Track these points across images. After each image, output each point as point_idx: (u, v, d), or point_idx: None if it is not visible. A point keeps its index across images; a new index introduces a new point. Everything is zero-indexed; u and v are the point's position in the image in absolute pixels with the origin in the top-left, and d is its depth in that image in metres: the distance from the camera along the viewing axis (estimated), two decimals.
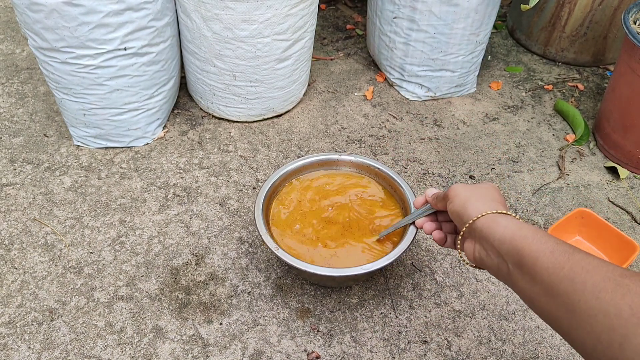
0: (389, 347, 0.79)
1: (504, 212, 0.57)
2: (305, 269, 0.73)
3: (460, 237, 0.61)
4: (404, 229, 0.80)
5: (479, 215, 0.57)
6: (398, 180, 0.86)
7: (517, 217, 0.56)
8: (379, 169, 0.89)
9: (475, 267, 0.60)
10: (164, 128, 1.13)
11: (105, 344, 0.78)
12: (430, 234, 0.70)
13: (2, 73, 1.26)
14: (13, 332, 0.78)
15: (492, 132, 1.18)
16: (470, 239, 0.59)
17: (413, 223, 0.77)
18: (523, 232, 0.52)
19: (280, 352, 0.78)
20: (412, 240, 0.77)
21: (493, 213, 0.56)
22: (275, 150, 1.10)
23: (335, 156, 0.91)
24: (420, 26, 1.12)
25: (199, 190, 1.01)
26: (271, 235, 0.79)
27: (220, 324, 0.81)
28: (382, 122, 1.18)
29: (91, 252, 0.89)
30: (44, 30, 0.88)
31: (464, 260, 0.61)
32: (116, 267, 0.87)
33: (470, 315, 0.84)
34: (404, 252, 0.76)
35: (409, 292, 0.86)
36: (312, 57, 1.27)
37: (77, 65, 0.93)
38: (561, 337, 0.81)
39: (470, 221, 0.58)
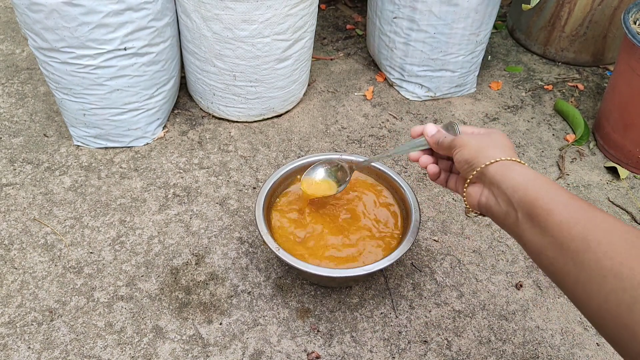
0: (389, 347, 0.79)
1: (518, 160, 0.54)
2: (305, 269, 0.73)
3: (468, 181, 0.58)
4: (405, 228, 0.80)
5: (492, 161, 0.54)
6: (399, 181, 0.86)
7: (530, 167, 0.54)
8: (379, 169, 0.89)
9: (477, 214, 0.58)
10: (164, 128, 1.13)
11: (105, 344, 0.78)
12: (425, 168, 0.67)
13: (2, 73, 1.26)
14: (13, 332, 0.78)
15: None
16: (479, 183, 0.57)
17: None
18: (538, 182, 0.50)
19: (280, 352, 0.78)
20: (413, 241, 0.77)
21: (508, 160, 0.54)
22: (275, 150, 1.10)
23: (335, 156, 0.91)
24: (420, 26, 1.12)
25: (199, 190, 1.01)
26: (271, 235, 0.79)
27: (220, 323, 0.81)
28: (382, 122, 1.18)
29: (91, 252, 0.89)
30: (44, 30, 0.88)
31: (466, 206, 0.59)
32: (116, 267, 0.87)
33: (470, 315, 0.84)
34: (404, 252, 0.76)
35: (409, 292, 0.86)
36: (312, 57, 1.27)
37: (77, 66, 0.93)
38: (561, 337, 0.81)
39: (483, 165, 0.55)
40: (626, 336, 0.38)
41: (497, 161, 0.54)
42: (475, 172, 0.56)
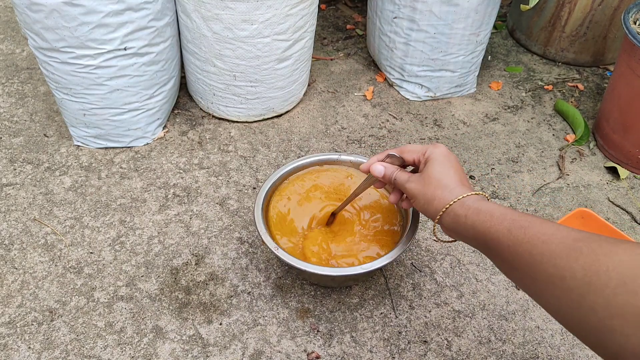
0: (389, 347, 0.79)
1: (458, 197, 0.58)
2: (305, 268, 0.73)
3: (434, 228, 0.64)
4: (404, 227, 0.80)
5: (441, 213, 0.60)
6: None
7: (471, 193, 0.58)
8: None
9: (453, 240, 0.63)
10: (164, 128, 1.13)
11: (105, 344, 0.78)
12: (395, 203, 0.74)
13: (2, 73, 1.26)
14: (13, 332, 0.78)
15: (492, 132, 1.18)
16: (443, 227, 0.62)
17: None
18: (481, 216, 0.55)
19: (280, 352, 0.78)
20: (412, 240, 0.77)
21: (450, 205, 0.59)
22: (275, 150, 1.10)
23: (334, 156, 0.91)
24: (420, 26, 1.12)
25: (199, 190, 1.01)
26: (270, 234, 0.79)
27: (220, 324, 0.81)
28: (382, 122, 1.18)
29: (91, 252, 0.89)
30: (44, 30, 0.88)
31: (437, 237, 0.66)
32: (116, 267, 0.87)
33: (470, 315, 0.84)
34: (403, 252, 0.76)
35: (409, 292, 0.86)
36: (312, 57, 1.27)
37: (77, 65, 0.93)
38: (561, 337, 0.82)
39: (436, 220, 0.61)
40: (589, 334, 0.42)
41: (444, 212, 0.59)
42: (434, 225, 0.62)
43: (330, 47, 1.41)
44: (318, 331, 0.80)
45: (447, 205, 0.59)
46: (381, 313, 0.83)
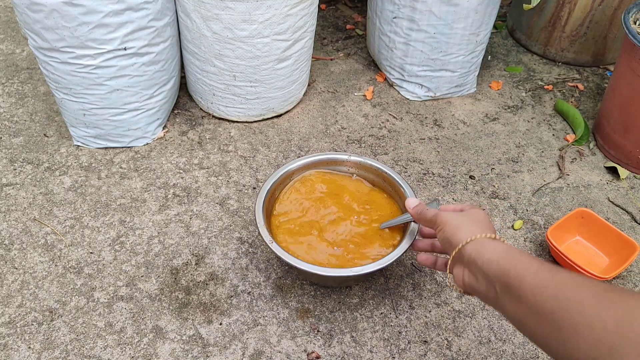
0: (389, 347, 0.79)
1: (493, 236, 0.58)
2: (305, 268, 0.73)
3: (450, 261, 0.61)
4: (405, 226, 0.80)
5: (468, 240, 0.58)
6: (399, 181, 0.86)
7: (504, 240, 0.58)
8: (380, 169, 0.89)
9: (465, 293, 0.61)
10: (164, 128, 1.13)
11: (105, 344, 0.78)
12: (425, 264, 0.74)
13: (2, 73, 1.26)
14: (13, 332, 0.78)
15: (492, 132, 1.18)
16: (460, 264, 0.60)
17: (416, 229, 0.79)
18: (510, 254, 0.53)
19: (280, 352, 0.78)
20: (413, 240, 0.77)
21: (482, 237, 0.58)
22: (275, 150, 1.10)
23: (333, 156, 0.91)
24: (420, 26, 1.12)
25: (199, 190, 1.01)
26: (270, 231, 0.79)
27: (220, 324, 0.81)
28: (382, 122, 1.18)
29: (91, 252, 0.89)
30: (44, 30, 0.88)
31: (453, 286, 0.62)
32: (116, 267, 0.87)
33: (470, 315, 0.84)
34: (404, 252, 0.76)
35: (409, 292, 0.86)
36: (312, 57, 1.27)
37: (77, 65, 0.93)
38: None
39: (460, 245, 0.58)
40: None
41: (472, 240, 0.58)
42: (455, 251, 0.60)
43: (330, 47, 1.41)
44: (318, 331, 0.80)
45: (478, 236, 0.58)
46: (381, 313, 0.83)
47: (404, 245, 0.77)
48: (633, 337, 0.37)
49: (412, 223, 0.79)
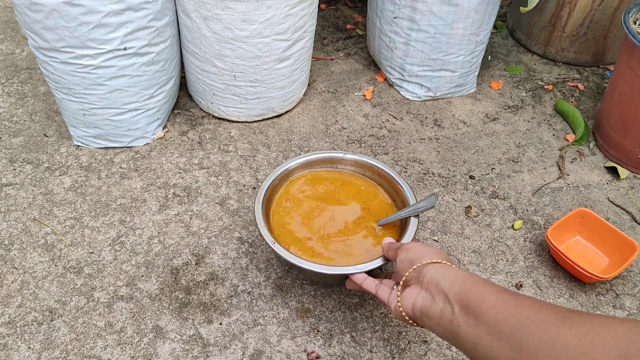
0: (389, 347, 0.79)
1: (454, 267, 0.60)
2: (305, 266, 0.73)
3: (402, 281, 0.62)
4: (404, 223, 0.80)
5: (433, 261, 0.59)
6: (399, 181, 0.86)
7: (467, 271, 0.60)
8: (380, 169, 0.89)
9: (408, 319, 0.60)
10: (164, 128, 1.13)
11: (105, 344, 0.78)
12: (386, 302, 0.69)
13: (2, 73, 1.26)
14: (13, 332, 0.78)
15: (492, 132, 1.18)
16: (416, 285, 0.60)
17: (417, 216, 0.80)
18: (473, 277, 0.54)
19: (280, 352, 0.78)
20: (412, 239, 0.77)
21: (445, 263, 0.59)
22: (275, 150, 1.10)
23: (334, 155, 0.91)
24: (420, 26, 1.12)
25: (199, 190, 1.01)
26: (269, 230, 0.79)
27: (220, 323, 0.81)
28: (382, 122, 1.18)
29: (91, 252, 0.89)
30: (44, 30, 0.88)
31: (399, 310, 0.61)
32: (116, 267, 0.87)
33: None
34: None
35: None
36: (312, 57, 1.27)
37: (77, 65, 0.93)
38: None
39: (423, 262, 0.60)
40: None
41: (436, 262, 0.59)
42: (414, 268, 0.60)
43: (330, 47, 1.41)
44: (318, 331, 0.80)
45: (440, 261, 0.60)
46: (381, 313, 0.83)
47: (404, 241, 0.76)
48: (596, 356, 0.37)
49: (412, 218, 0.78)
